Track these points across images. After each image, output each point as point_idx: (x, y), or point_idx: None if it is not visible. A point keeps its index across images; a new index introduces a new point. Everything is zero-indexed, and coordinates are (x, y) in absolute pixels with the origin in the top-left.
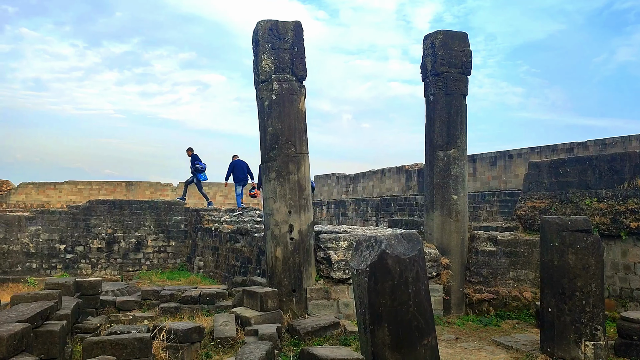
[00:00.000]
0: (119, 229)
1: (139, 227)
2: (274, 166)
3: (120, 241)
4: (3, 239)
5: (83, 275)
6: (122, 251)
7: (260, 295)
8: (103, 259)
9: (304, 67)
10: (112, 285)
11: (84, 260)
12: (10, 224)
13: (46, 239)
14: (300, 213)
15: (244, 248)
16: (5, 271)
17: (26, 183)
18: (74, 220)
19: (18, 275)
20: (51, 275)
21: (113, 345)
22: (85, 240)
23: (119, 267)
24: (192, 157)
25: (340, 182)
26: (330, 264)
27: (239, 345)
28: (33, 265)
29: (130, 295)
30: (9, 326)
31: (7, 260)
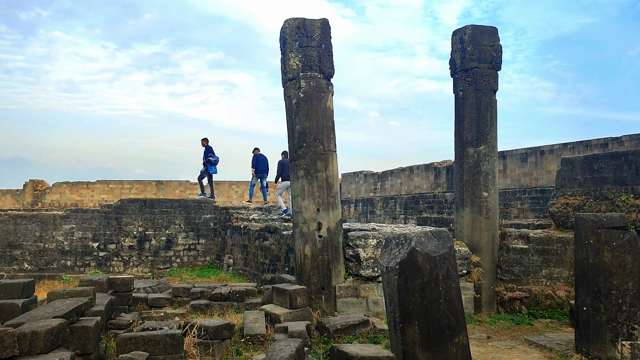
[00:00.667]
0: (150, 227)
1: (169, 225)
2: (302, 164)
3: (151, 239)
4: (39, 237)
5: (115, 273)
6: (153, 249)
7: (289, 293)
8: (135, 257)
9: (332, 64)
10: (144, 282)
11: (116, 258)
12: (46, 223)
13: (80, 237)
14: (328, 211)
15: (273, 246)
16: (42, 268)
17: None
18: (106, 219)
19: (53, 272)
20: (85, 272)
21: (146, 341)
22: (117, 239)
23: (150, 264)
24: (207, 148)
25: (367, 180)
26: (359, 261)
27: (269, 342)
28: (68, 262)
29: (161, 292)
30: (45, 322)
31: (43, 258)
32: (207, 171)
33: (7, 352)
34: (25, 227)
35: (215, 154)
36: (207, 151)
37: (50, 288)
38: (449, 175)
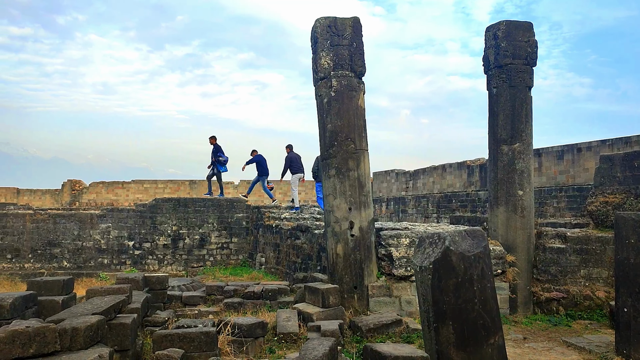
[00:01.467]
0: (184, 226)
1: (202, 224)
2: (334, 163)
3: (185, 238)
4: (77, 236)
5: (150, 271)
6: (187, 247)
7: (322, 292)
8: (169, 255)
9: (363, 62)
10: (178, 280)
11: (151, 256)
12: (84, 222)
13: (116, 235)
14: (360, 210)
15: (305, 245)
16: (80, 266)
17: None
18: (141, 218)
19: (91, 270)
20: (121, 270)
21: (181, 339)
22: (152, 237)
23: (184, 263)
24: (215, 146)
25: (399, 179)
26: (392, 261)
27: (302, 341)
28: (104, 260)
29: (195, 290)
30: (85, 318)
31: (81, 256)
32: (217, 170)
33: (49, 347)
34: (64, 226)
35: (224, 152)
36: (215, 150)
37: (88, 285)
38: (482, 174)
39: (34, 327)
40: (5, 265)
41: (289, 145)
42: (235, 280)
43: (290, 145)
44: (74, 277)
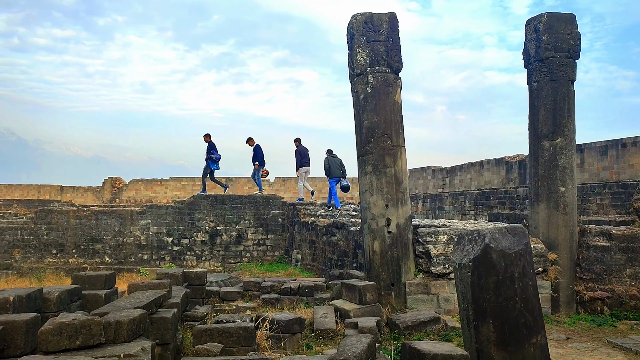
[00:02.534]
0: (221, 223)
1: (239, 220)
2: (370, 159)
3: (222, 234)
4: (118, 232)
5: (189, 267)
6: (224, 244)
7: (358, 289)
8: (206, 251)
9: (400, 58)
10: (216, 276)
11: (189, 252)
12: (124, 218)
13: (155, 232)
14: (397, 206)
15: (340, 241)
16: (121, 261)
17: (136, 180)
18: (179, 215)
19: (131, 265)
20: (160, 266)
21: (220, 333)
22: (190, 233)
23: (221, 259)
24: (210, 144)
25: (436, 176)
26: (430, 258)
27: (339, 337)
28: (144, 256)
29: (232, 286)
30: (128, 312)
31: (121, 252)
32: (209, 167)
33: (94, 339)
34: (106, 222)
35: (217, 150)
36: (209, 147)
37: (128, 280)
38: (522, 170)
39: (80, 320)
40: (50, 260)
41: (298, 138)
42: (272, 277)
43: (299, 139)
44: (115, 272)
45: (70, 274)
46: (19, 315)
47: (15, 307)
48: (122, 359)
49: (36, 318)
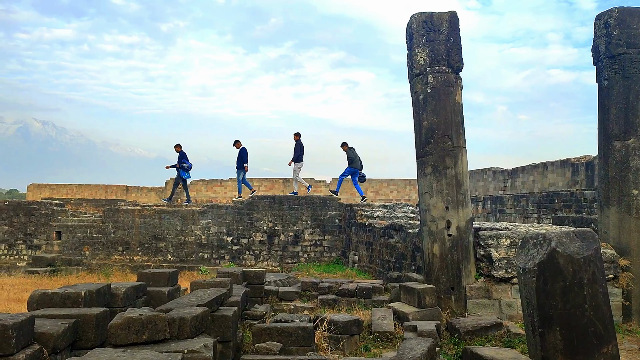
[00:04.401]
0: (279, 223)
1: (296, 221)
2: (430, 161)
3: (280, 234)
4: (180, 231)
5: (247, 266)
6: (282, 244)
7: (417, 292)
8: (265, 251)
9: (460, 57)
10: (274, 276)
11: (248, 251)
12: (186, 218)
13: (215, 231)
14: (458, 209)
15: (398, 244)
16: (182, 260)
17: (196, 180)
18: (238, 215)
19: (192, 263)
20: (220, 264)
21: (279, 333)
22: (248, 233)
23: (279, 259)
24: (180, 153)
25: (496, 177)
26: (491, 262)
27: (397, 340)
28: (205, 255)
29: (290, 286)
30: (190, 309)
31: (183, 250)
32: (180, 176)
33: (160, 334)
34: (168, 222)
35: (189, 160)
36: (180, 157)
37: (190, 278)
38: (589, 172)
39: (146, 315)
40: (117, 257)
41: (298, 132)
42: (329, 278)
43: (299, 133)
44: (177, 270)
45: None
46: (89, 310)
47: (86, 301)
48: (185, 354)
49: (105, 312)
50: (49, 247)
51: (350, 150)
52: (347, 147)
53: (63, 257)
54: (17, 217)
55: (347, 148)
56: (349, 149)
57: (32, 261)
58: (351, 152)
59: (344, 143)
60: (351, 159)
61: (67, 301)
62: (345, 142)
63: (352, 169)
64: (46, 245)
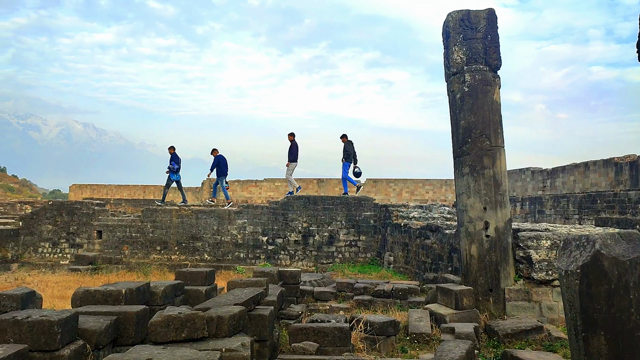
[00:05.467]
0: (313, 223)
1: (331, 221)
2: (467, 161)
3: (314, 234)
4: (217, 231)
5: (282, 266)
6: (317, 244)
7: (455, 293)
8: (299, 251)
9: (498, 55)
10: (309, 276)
11: (283, 251)
12: (222, 218)
13: (251, 231)
14: (496, 209)
15: (435, 245)
16: (219, 259)
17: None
18: (273, 215)
19: (229, 263)
20: (255, 264)
21: (315, 333)
22: (283, 233)
23: (313, 259)
24: (172, 156)
25: (535, 177)
26: (531, 263)
27: (435, 342)
28: (241, 254)
29: (326, 286)
30: (228, 308)
31: (220, 250)
32: (170, 178)
33: (198, 333)
34: (205, 221)
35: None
36: (171, 159)
37: (226, 277)
38: (634, 172)
39: (185, 314)
40: (155, 256)
41: (292, 133)
42: (364, 278)
43: (293, 134)
44: (214, 269)
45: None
46: (130, 307)
47: (127, 299)
48: (224, 353)
49: (145, 310)
50: (90, 245)
51: (349, 143)
52: (346, 139)
53: (104, 255)
54: (60, 216)
55: (347, 140)
56: (348, 141)
57: (75, 259)
58: (350, 146)
59: (344, 135)
60: (348, 153)
61: (108, 298)
62: (345, 134)
63: (347, 164)
64: (87, 244)
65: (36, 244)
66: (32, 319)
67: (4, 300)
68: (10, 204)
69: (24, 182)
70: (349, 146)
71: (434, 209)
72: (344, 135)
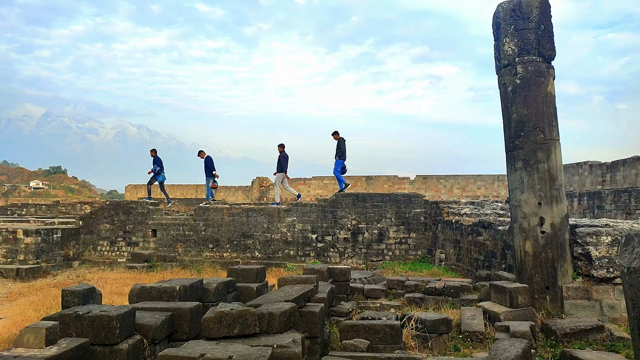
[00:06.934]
0: (363, 221)
1: (380, 219)
2: (520, 155)
3: (364, 232)
4: (267, 229)
5: (332, 263)
6: (366, 242)
7: (509, 291)
8: (349, 249)
9: (552, 45)
10: (359, 273)
11: (332, 249)
12: (272, 215)
13: (300, 229)
14: (551, 205)
15: (487, 241)
16: (269, 256)
17: None
18: (322, 212)
19: (279, 260)
20: (305, 261)
21: (366, 330)
22: (332, 231)
23: (363, 256)
24: (155, 158)
25: (593, 171)
26: (590, 260)
27: (489, 341)
28: (290, 252)
29: (376, 283)
30: (279, 304)
31: (270, 247)
32: (155, 179)
33: (250, 329)
34: (255, 219)
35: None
36: (154, 162)
37: (276, 275)
38: None
39: (237, 310)
40: (207, 254)
41: (282, 144)
42: (415, 276)
43: (283, 145)
44: (265, 267)
45: (225, 267)
46: (184, 303)
47: (181, 295)
48: (275, 349)
49: (198, 306)
50: (145, 244)
51: (342, 141)
52: (339, 137)
53: (158, 253)
54: (117, 215)
55: (339, 138)
56: (341, 139)
57: (131, 257)
58: (343, 144)
59: (336, 132)
60: (341, 151)
61: (163, 295)
62: (337, 132)
63: (341, 161)
64: (143, 242)
65: (95, 242)
66: (93, 314)
67: (67, 296)
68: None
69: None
70: (342, 144)
71: (486, 205)
72: (335, 132)
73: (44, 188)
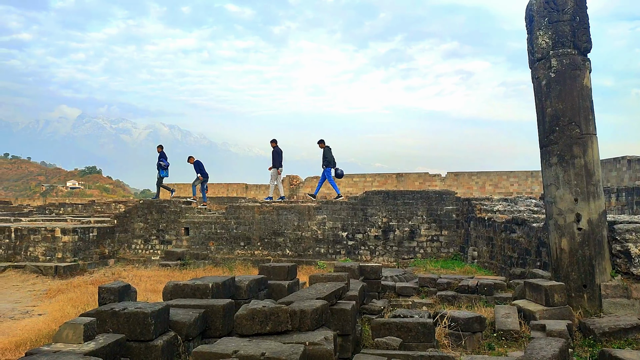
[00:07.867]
0: (393, 218)
1: (411, 216)
2: (555, 150)
3: (394, 230)
4: (297, 227)
5: (363, 261)
6: (397, 239)
7: (545, 289)
8: (380, 246)
9: (588, 37)
10: (390, 271)
11: (363, 247)
12: (302, 213)
13: (331, 226)
14: (588, 201)
15: (521, 239)
16: (300, 254)
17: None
18: (353, 210)
19: (309, 258)
20: (336, 259)
21: (398, 328)
22: (363, 229)
23: (394, 254)
24: (161, 154)
25: (632, 166)
26: (630, 258)
27: (524, 340)
28: (321, 249)
29: (407, 281)
30: (310, 302)
31: (300, 245)
32: (160, 175)
33: (282, 326)
34: (286, 217)
35: (167, 159)
36: (160, 156)
37: (307, 272)
38: None
39: (269, 307)
40: (239, 251)
41: (274, 140)
42: (447, 274)
43: (275, 140)
44: (296, 264)
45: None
46: (217, 301)
47: (213, 292)
48: (307, 346)
49: (231, 304)
50: (178, 242)
51: (328, 149)
52: (324, 145)
53: (191, 251)
54: (150, 214)
55: (325, 146)
56: (327, 147)
57: (165, 255)
58: (329, 152)
59: (322, 140)
60: (328, 160)
61: (196, 292)
62: (323, 140)
63: (329, 169)
64: (176, 240)
65: (130, 240)
66: (128, 311)
67: (103, 293)
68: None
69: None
70: (328, 152)
71: (519, 201)
72: (321, 140)
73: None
